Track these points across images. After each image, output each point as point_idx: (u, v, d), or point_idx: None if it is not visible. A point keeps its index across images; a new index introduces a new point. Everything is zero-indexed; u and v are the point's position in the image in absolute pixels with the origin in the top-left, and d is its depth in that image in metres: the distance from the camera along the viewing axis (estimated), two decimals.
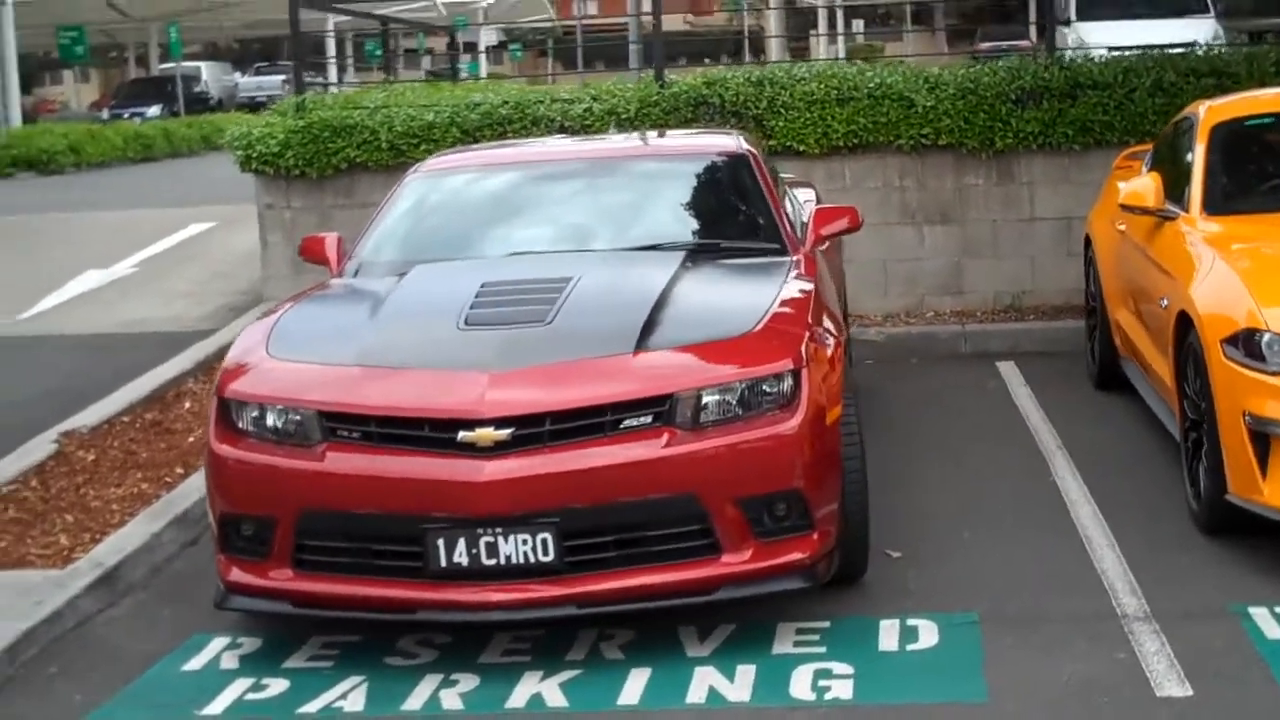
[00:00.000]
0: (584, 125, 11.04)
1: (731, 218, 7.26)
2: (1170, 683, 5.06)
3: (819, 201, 9.06)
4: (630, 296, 6.08)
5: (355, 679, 5.53)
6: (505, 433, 5.41)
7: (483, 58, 48.93)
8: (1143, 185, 7.56)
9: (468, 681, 5.45)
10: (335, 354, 5.89)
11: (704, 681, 5.32)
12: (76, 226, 16.76)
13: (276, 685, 5.54)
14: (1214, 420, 6.15)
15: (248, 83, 52.63)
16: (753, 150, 7.53)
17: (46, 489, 7.80)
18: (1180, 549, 6.33)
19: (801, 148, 10.97)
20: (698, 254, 6.76)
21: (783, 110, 10.97)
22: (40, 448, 8.42)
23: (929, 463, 7.90)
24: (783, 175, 9.47)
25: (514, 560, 5.41)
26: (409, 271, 6.75)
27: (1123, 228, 8.29)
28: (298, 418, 5.67)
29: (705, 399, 5.54)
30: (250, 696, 5.46)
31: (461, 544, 5.41)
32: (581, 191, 7.38)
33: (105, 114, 40.90)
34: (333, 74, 36.00)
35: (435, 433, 5.48)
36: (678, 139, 8.38)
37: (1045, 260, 10.92)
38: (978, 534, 6.72)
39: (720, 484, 5.49)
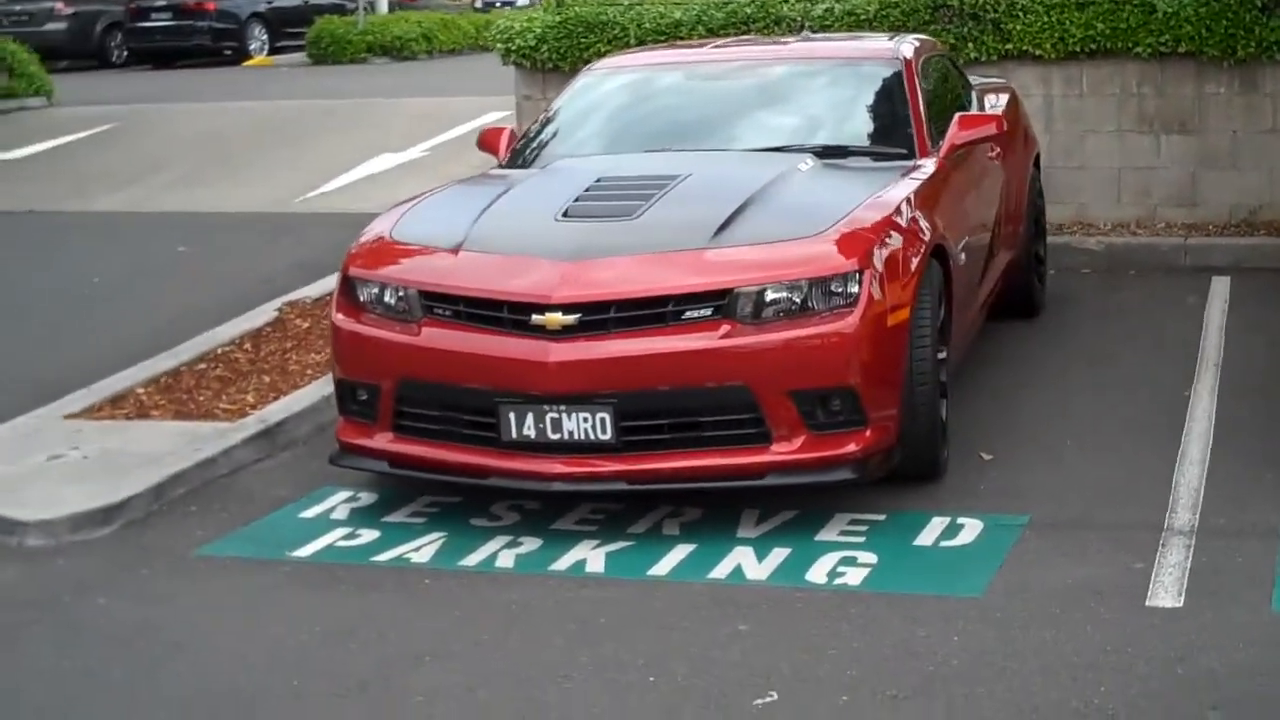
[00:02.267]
0: (824, 25, 11.18)
1: (867, 122, 7.45)
2: (1166, 594, 5.15)
3: (1012, 108, 9.06)
4: (723, 195, 6.38)
5: (436, 535, 6.07)
6: (572, 318, 5.82)
7: None
8: None
9: (529, 544, 5.92)
10: (445, 239, 6.38)
11: (735, 560, 5.66)
12: (392, 111, 17.73)
13: (367, 535, 6.12)
14: None
15: None
16: (908, 57, 7.64)
17: (257, 351, 8.60)
18: (1271, 470, 6.29)
19: (1038, 52, 10.88)
20: (823, 156, 6.99)
21: (1020, 14, 10.89)
22: (264, 314, 9.26)
23: (1080, 369, 7.96)
24: (985, 79, 9.55)
25: (575, 436, 5.84)
26: (551, 164, 7.21)
27: None
28: (403, 295, 6.20)
29: (766, 294, 5.82)
30: (340, 544, 6.05)
31: (530, 418, 5.87)
32: (731, 93, 7.67)
33: (479, 3, 42.40)
34: None
35: (513, 314, 5.93)
36: (840, 43, 8.52)
37: None
38: (1081, 441, 6.81)
39: (773, 376, 5.78)
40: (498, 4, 41.03)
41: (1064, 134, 10.98)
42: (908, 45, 7.87)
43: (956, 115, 7.42)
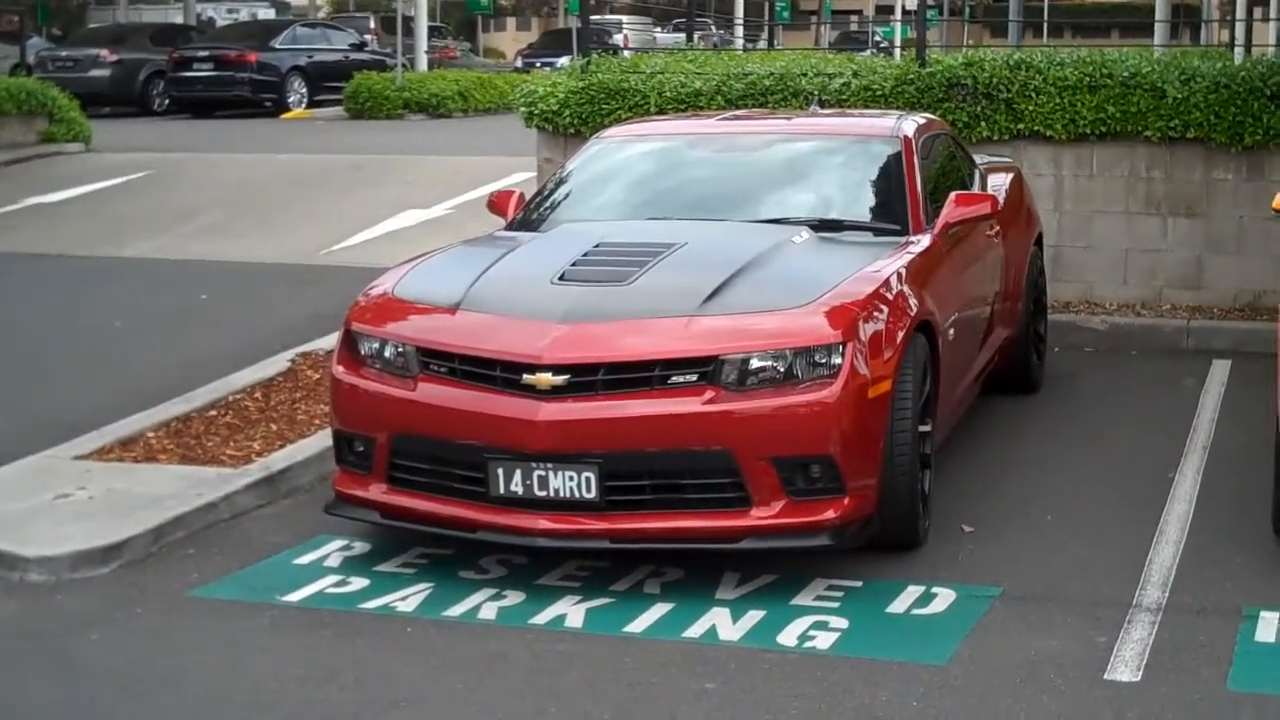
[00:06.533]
0: (840, 100, 11.39)
1: (864, 197, 7.64)
2: (1125, 668, 5.27)
3: (1016, 187, 9.24)
4: (716, 264, 6.56)
5: (424, 585, 6.23)
6: (562, 378, 6.00)
7: (897, 25, 48.85)
8: None
9: (513, 598, 6.07)
10: (445, 298, 6.57)
11: (710, 620, 5.80)
12: (420, 168, 18.01)
13: (357, 584, 6.28)
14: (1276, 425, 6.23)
15: (665, 39, 54.08)
16: (908, 135, 7.82)
17: (266, 401, 8.79)
18: (1243, 551, 6.42)
19: (1050, 133, 11.07)
20: (818, 229, 7.18)
21: (1033, 95, 11.09)
22: (276, 364, 9.46)
23: (1069, 446, 8.09)
24: (992, 158, 9.74)
25: (561, 493, 6.01)
26: (554, 228, 7.42)
27: None
28: (401, 351, 6.40)
29: (750, 362, 5.99)
30: (330, 590, 6.22)
31: (517, 474, 6.04)
32: (732, 166, 7.88)
33: (519, 63, 42.86)
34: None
35: (504, 373, 6.12)
36: (843, 120, 8.73)
37: None
38: (1062, 516, 6.95)
39: (755, 443, 5.94)
40: (538, 64, 41.42)
41: (1073, 214, 11.17)
42: (909, 123, 8.06)
43: (952, 194, 7.59)
